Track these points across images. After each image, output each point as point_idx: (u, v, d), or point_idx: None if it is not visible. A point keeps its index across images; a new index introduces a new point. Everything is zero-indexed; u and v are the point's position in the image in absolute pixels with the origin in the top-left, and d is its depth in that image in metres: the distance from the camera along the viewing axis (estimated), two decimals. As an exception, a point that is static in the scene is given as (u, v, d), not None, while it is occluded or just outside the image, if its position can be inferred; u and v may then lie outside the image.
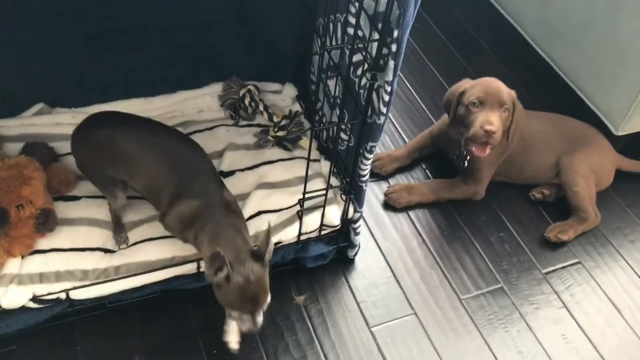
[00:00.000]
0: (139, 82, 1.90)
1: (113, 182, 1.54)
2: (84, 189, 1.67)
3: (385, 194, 1.98)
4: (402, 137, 2.20)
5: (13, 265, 1.47)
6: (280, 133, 1.85)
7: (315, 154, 1.83)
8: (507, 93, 1.83)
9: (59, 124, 1.81)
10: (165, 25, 1.79)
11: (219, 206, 1.43)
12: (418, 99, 2.36)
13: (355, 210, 1.68)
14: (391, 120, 2.25)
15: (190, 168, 1.48)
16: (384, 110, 1.38)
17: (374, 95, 1.39)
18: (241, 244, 1.36)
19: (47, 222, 1.51)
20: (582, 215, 1.94)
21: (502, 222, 1.98)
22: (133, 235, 1.60)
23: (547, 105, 2.19)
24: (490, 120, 1.77)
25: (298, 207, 1.64)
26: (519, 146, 1.96)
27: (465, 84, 1.88)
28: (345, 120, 1.57)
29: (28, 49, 1.69)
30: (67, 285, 1.48)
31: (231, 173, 1.76)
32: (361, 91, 1.46)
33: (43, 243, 1.53)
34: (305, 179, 1.54)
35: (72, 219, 1.59)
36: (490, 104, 1.80)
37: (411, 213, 1.97)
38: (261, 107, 1.92)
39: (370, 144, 1.47)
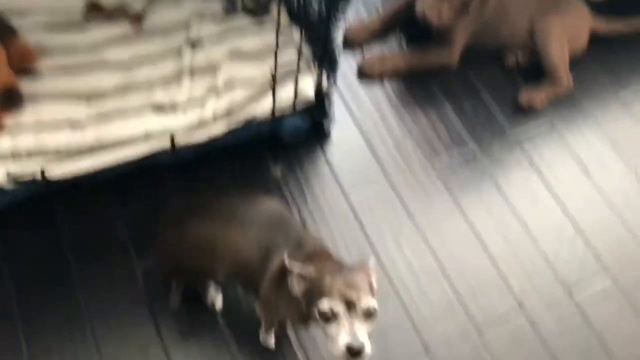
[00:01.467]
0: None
1: (204, 276, 1.41)
2: (47, 63, 1.61)
3: (359, 64, 1.95)
4: (377, 6, 2.13)
5: (-17, 146, 1.46)
6: (248, 0, 1.77)
7: (286, 22, 1.76)
8: None
9: (14, -4, 1.71)
10: None
11: (310, 243, 1.26)
12: (392, -36, 2.25)
13: (329, 81, 1.65)
14: (364, -13, 2.17)
15: (272, 227, 1.28)
16: (355, -30, 1.32)
17: (344, -46, 1.32)
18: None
19: (12, 99, 1.47)
20: (555, 79, 1.94)
21: (475, 89, 1.97)
22: (105, 106, 1.57)
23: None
24: (431, 7, 1.82)
25: (271, 80, 1.61)
26: (494, 10, 1.92)
27: None
28: (316, -16, 1.50)
29: None
30: (41, 163, 1.47)
31: (200, 43, 1.70)
32: (331, -50, 1.39)
33: (10, 121, 1.50)
34: (277, 47, 1.50)
35: (36, 95, 1.55)
36: None
37: (386, 83, 1.95)
38: (227, -26, 1.82)
39: (340, 7, 1.42)
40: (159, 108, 1.58)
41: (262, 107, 1.63)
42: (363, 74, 1.94)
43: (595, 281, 1.65)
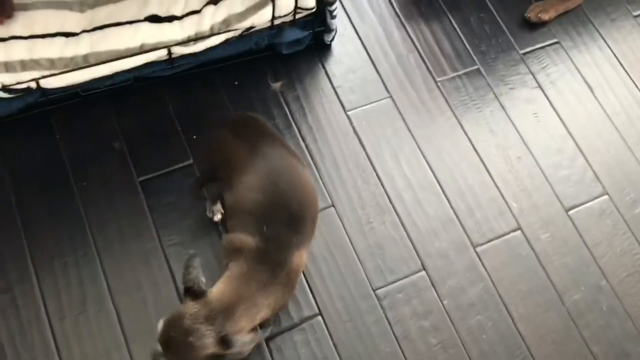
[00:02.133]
0: None
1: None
2: (37, -29, 1.56)
3: None
4: None
5: (-25, 55, 1.42)
6: None
7: None
8: None
9: None
10: None
11: (275, 264, 1.22)
12: None
13: (330, -9, 1.60)
14: None
15: (282, 208, 1.25)
16: None
17: None
18: (237, 310, 1.18)
19: (2, 6, 1.42)
20: (565, -8, 1.87)
21: (483, 1, 1.91)
22: (98, 15, 1.52)
23: None
24: None
25: (270, -12, 1.55)
26: None
27: None
28: None
29: None
30: (35, 74, 1.45)
31: (196, -49, 1.63)
32: None
33: (1, 31, 1.46)
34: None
35: (26, 4, 1.50)
36: None
37: (389, -6, 1.89)
38: None
39: None
40: (155, 19, 1.54)
41: (261, 18, 1.58)
42: None
43: (593, 199, 1.65)
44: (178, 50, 1.55)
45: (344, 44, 1.79)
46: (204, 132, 1.59)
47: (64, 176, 1.52)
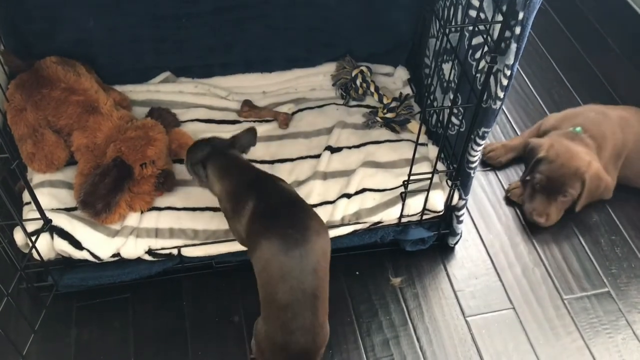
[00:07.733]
0: (257, 58, 1.97)
1: None
2: (200, 154, 1.76)
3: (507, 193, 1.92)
4: (514, 129, 2.13)
5: (133, 219, 1.59)
6: (389, 115, 1.85)
7: (423, 138, 1.82)
8: (577, 175, 1.77)
9: (182, 92, 1.91)
10: (286, 2, 1.84)
11: None
12: (533, 91, 2.27)
13: (460, 198, 1.66)
14: (503, 111, 2.19)
15: None
16: (501, 94, 1.35)
17: (492, 79, 1.36)
18: None
19: (166, 182, 1.60)
20: None
21: (615, 225, 1.88)
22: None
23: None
24: (540, 212, 1.82)
25: (402, 189, 1.64)
26: (636, 146, 1.86)
27: (546, 150, 1.81)
28: (459, 104, 1.55)
29: (162, 22, 1.80)
30: (179, 242, 1.57)
31: (338, 149, 1.79)
32: (478, 75, 1.44)
33: (159, 201, 1.64)
34: (412, 161, 1.54)
35: (186, 180, 1.68)
36: (550, 191, 1.81)
37: (517, 207, 1.91)
38: (372, 89, 1.93)
39: (483, 129, 1.44)
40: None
41: (390, 215, 1.65)
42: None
43: None
44: (308, 236, 1.63)
45: (467, 249, 1.81)
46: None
47: (184, 342, 1.56)
